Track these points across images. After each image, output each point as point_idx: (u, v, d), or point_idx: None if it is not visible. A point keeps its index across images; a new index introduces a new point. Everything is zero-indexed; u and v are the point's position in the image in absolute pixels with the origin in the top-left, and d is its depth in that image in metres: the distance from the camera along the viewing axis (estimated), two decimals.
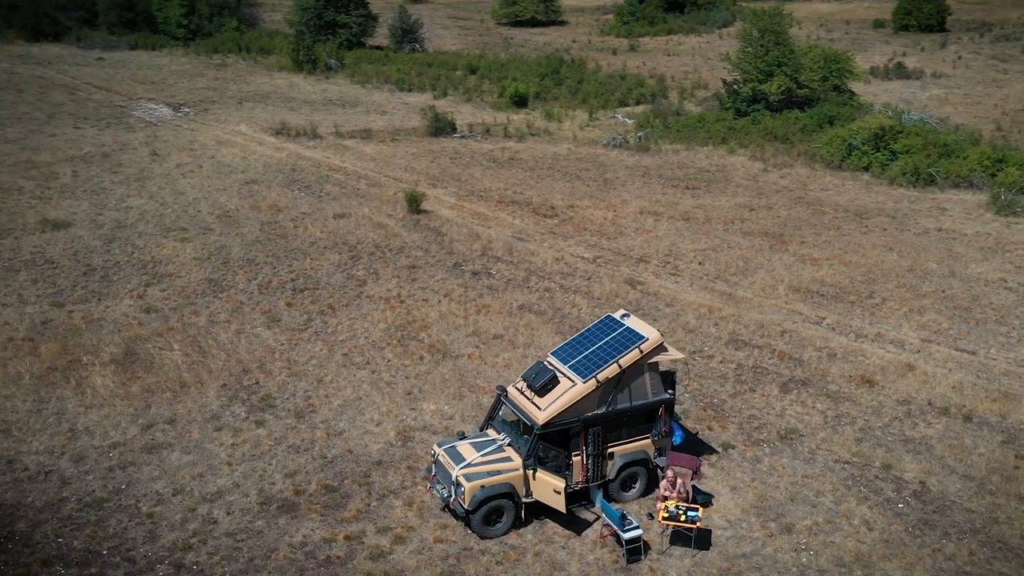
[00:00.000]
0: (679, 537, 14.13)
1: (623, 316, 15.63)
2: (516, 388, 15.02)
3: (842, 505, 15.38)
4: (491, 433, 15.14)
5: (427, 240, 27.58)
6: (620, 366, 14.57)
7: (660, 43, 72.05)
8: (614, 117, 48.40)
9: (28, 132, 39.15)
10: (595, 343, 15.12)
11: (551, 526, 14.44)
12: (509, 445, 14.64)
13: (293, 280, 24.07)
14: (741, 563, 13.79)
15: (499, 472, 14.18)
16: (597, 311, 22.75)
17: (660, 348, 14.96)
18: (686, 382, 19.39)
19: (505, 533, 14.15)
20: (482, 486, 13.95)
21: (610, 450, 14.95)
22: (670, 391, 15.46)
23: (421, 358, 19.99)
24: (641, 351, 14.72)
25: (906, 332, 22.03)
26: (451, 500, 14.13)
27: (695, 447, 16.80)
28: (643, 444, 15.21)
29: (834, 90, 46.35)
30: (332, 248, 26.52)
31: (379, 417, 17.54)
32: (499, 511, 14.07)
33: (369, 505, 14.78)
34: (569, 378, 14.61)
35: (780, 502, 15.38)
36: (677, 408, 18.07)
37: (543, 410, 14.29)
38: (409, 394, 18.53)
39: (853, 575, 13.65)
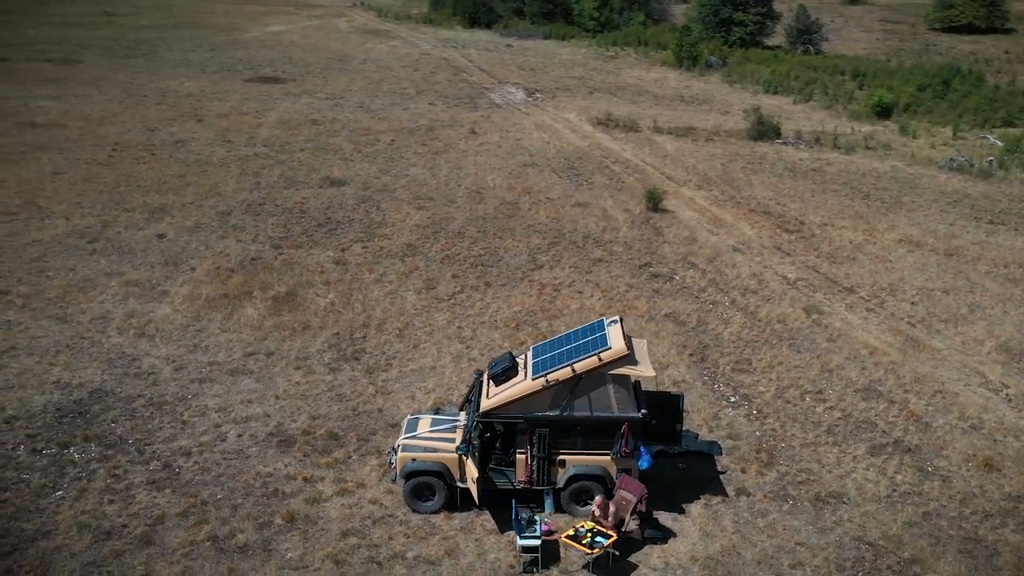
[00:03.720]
0: (598, 564, 13.60)
1: (610, 323, 15.12)
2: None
3: None
4: (463, 415, 15.62)
5: (639, 237, 27.58)
6: (574, 370, 14.24)
7: None
8: (984, 137, 43.03)
9: (390, 104, 45.01)
10: (570, 344, 14.88)
11: (484, 519, 14.64)
12: (464, 427, 15.06)
13: (479, 255, 25.75)
14: None
15: (435, 450, 14.72)
16: (745, 332, 21.52)
17: (624, 360, 14.30)
18: (770, 421, 17.83)
19: (435, 511, 14.65)
20: (413, 459, 14.63)
21: (561, 457, 14.65)
22: (644, 411, 14.66)
23: (522, 343, 20.59)
24: (600, 359, 14.24)
25: None
26: (393, 466, 15.01)
27: (712, 484, 15.68)
28: (602, 460, 14.67)
29: None
30: (541, 232, 27.68)
31: (434, 387, 18.67)
32: (430, 488, 14.62)
33: (349, 458, 16.13)
34: (526, 373, 14.63)
35: (744, 562, 13.97)
36: (725, 443, 16.89)
37: (488, 399, 14.52)
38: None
39: None
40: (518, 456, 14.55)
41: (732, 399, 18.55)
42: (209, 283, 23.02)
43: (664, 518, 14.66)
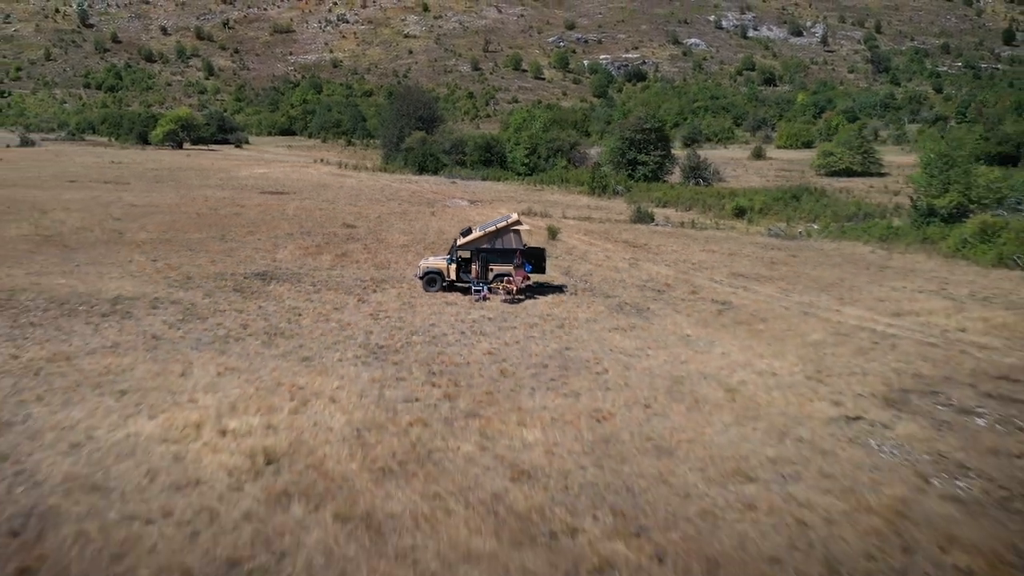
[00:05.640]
0: (510, 301, 38.73)
1: (512, 213, 41.09)
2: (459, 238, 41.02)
3: (586, 303, 38.90)
4: (447, 256, 41.13)
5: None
6: (496, 227, 40.04)
7: None
8: (809, 225, 69.61)
9: (370, 203, 71.44)
10: (495, 221, 40.82)
11: (457, 292, 40.04)
12: (449, 254, 40.56)
13: (441, 244, 51.50)
14: (508, 309, 37.88)
15: (436, 263, 40.15)
16: (591, 269, 47.29)
17: (517, 223, 40.14)
18: (593, 285, 43.29)
19: (437, 291, 39.96)
20: (427, 266, 39.94)
21: (491, 267, 40.20)
22: (526, 247, 40.33)
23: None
24: (507, 223, 40.01)
25: (769, 289, 43.46)
26: (417, 274, 40.49)
27: (559, 294, 40.60)
28: (509, 267, 40.20)
29: None
30: None
31: (409, 266, 44.22)
32: (434, 280, 39.92)
33: (393, 287, 41.31)
34: (475, 230, 40.47)
35: (567, 304, 39.18)
36: (566, 277, 42.46)
37: (462, 240, 40.29)
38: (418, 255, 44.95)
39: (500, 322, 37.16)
40: (473, 267, 40.11)
41: (576, 282, 44.19)
42: (298, 250, 48.19)
43: (536, 298, 39.88)
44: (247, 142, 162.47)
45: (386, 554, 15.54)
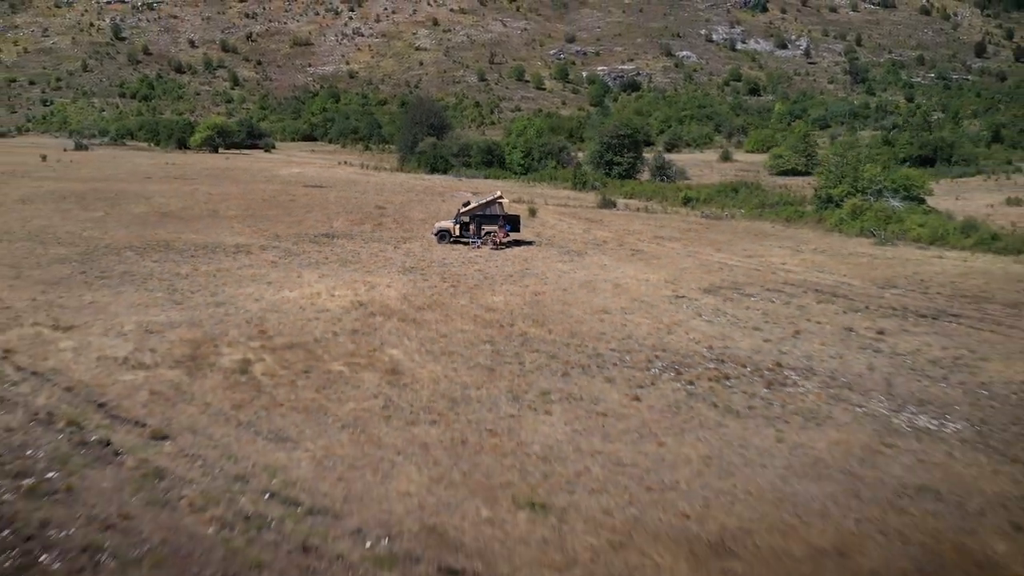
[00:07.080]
0: (496, 248, 58.17)
1: (497, 192, 60.58)
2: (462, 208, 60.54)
3: (533, 249, 58.36)
4: (453, 219, 60.61)
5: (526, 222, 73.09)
6: (488, 201, 59.52)
7: None
8: (739, 210, 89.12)
9: (392, 194, 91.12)
10: (485, 197, 60.34)
11: (460, 244, 59.57)
12: (455, 218, 60.06)
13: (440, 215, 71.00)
14: (493, 253, 57.16)
15: (445, 224, 59.28)
16: (555, 234, 66.82)
17: (500, 198, 59.60)
18: (555, 242, 62.83)
19: (446, 243, 59.31)
20: (439, 227, 58.96)
21: (483, 227, 59.59)
22: (506, 214, 59.84)
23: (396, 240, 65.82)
24: (493, 198, 59.38)
25: (674, 245, 62.88)
26: (432, 231, 60.01)
27: (527, 244, 60.17)
28: (494, 227, 59.45)
29: (912, 200, 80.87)
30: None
31: (428, 224, 63.71)
32: (443, 236, 59.07)
33: (416, 240, 60.98)
34: (472, 202, 59.98)
35: (530, 250, 58.72)
36: (536, 237, 62.04)
37: (463, 209, 59.81)
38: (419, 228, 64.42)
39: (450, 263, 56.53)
40: (471, 226, 59.56)
41: (542, 240, 63.53)
42: (346, 222, 67.26)
43: (513, 248, 59.24)
44: (274, 147, 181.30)
45: (423, 328, 34.66)
